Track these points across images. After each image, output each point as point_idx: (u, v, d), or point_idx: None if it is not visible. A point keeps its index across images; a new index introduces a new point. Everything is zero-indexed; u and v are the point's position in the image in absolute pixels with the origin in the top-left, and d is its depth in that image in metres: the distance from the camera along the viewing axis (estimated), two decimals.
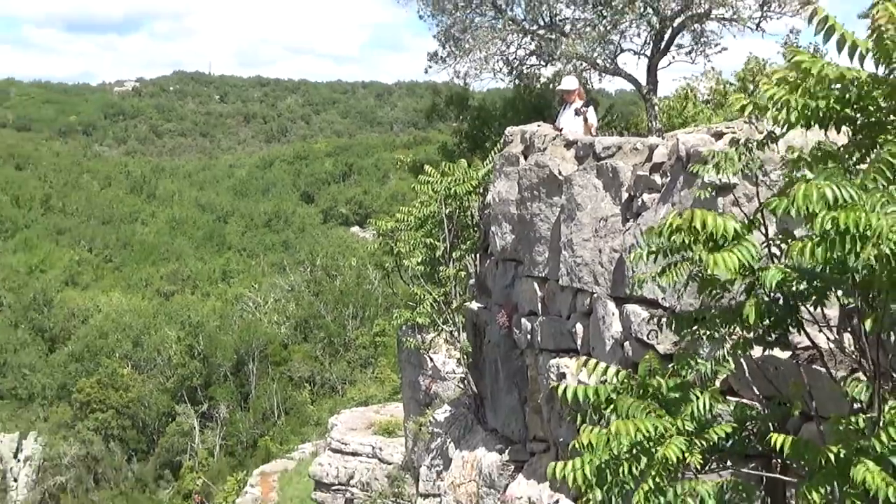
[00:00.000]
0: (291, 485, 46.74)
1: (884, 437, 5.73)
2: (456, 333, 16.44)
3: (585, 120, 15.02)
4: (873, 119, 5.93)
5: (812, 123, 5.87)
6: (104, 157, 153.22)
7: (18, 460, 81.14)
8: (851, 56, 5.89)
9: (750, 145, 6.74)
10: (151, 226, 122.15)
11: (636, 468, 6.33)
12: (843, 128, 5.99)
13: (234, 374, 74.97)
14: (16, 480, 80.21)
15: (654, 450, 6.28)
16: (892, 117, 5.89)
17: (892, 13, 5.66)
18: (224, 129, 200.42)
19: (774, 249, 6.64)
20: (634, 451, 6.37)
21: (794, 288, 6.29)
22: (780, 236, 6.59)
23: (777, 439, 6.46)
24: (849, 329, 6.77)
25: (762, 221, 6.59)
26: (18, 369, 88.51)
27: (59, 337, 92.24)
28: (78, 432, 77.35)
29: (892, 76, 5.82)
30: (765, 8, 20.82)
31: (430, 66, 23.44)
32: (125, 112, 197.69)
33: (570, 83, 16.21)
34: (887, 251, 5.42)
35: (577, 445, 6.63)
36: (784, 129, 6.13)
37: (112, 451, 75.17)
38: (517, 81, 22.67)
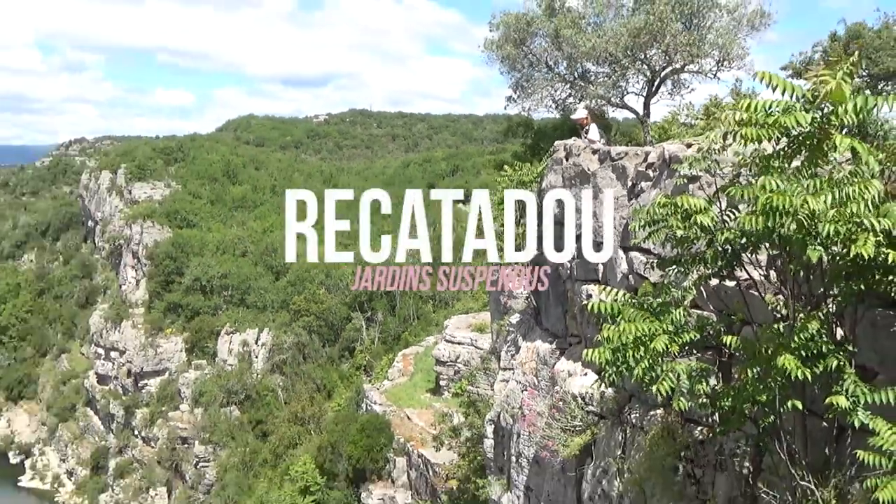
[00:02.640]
0: (421, 362, 48.01)
1: (796, 338, 5.90)
2: (523, 269, 16.76)
3: (587, 134, 15.39)
4: (796, 136, 6.04)
5: (755, 142, 6.02)
6: (307, 162, 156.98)
7: (258, 345, 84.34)
8: (790, 96, 5.98)
9: (710, 152, 6.82)
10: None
11: (636, 354, 6.51)
12: (771, 142, 6.09)
13: (387, 294, 76.31)
14: (257, 357, 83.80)
15: (647, 342, 6.48)
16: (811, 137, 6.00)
17: (826, 78, 5.79)
18: (379, 144, 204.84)
19: (726, 217, 6.73)
20: (635, 343, 6.52)
21: (738, 242, 6.42)
22: (729, 209, 6.73)
23: (727, 338, 6.73)
24: (773, 268, 6.91)
25: (718, 200, 6.72)
26: (258, 290, 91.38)
27: (282, 271, 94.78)
28: (293, 329, 79.86)
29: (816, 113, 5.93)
30: (719, 65, 21.08)
31: (507, 105, 23.78)
32: (319, 134, 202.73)
33: (578, 114, 16.49)
34: (801, 219, 5.62)
35: (598, 338, 6.86)
36: (736, 144, 6.28)
37: (313, 340, 77.75)
38: (561, 112, 22.96)
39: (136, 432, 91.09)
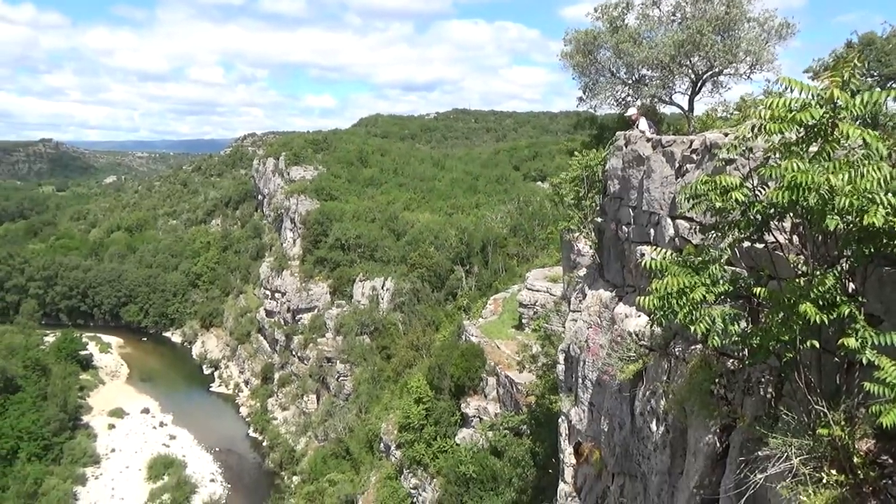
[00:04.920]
0: (508, 304, 47.96)
1: (815, 290, 5.73)
2: (589, 233, 16.50)
3: (637, 126, 15.12)
4: (812, 127, 5.81)
5: (778, 133, 5.80)
6: (419, 149, 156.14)
7: (383, 290, 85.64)
8: (807, 95, 5.78)
9: (744, 139, 6.55)
10: (442, 181, 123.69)
11: (679, 302, 6.40)
12: (792, 132, 5.86)
13: (481, 251, 76.05)
14: (382, 299, 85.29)
15: (688, 293, 6.35)
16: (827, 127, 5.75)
17: (837, 82, 5.57)
18: (476, 136, 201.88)
19: (757, 192, 6.49)
20: (678, 293, 6.39)
21: (766, 212, 6.20)
22: (760, 186, 6.48)
23: (756, 289, 6.50)
24: (796, 234, 6.64)
25: (751, 178, 6.48)
26: (383, 248, 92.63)
27: (401, 233, 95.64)
28: (410, 278, 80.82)
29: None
30: (752, 68, 20.04)
31: (578, 103, 23.22)
32: (429, 128, 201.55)
33: (631, 111, 16.55)
34: (822, 194, 5.43)
35: (649, 289, 6.76)
36: (764, 134, 6.06)
37: (424, 287, 78.22)
38: (621, 109, 22.32)
39: (293, 353, 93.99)
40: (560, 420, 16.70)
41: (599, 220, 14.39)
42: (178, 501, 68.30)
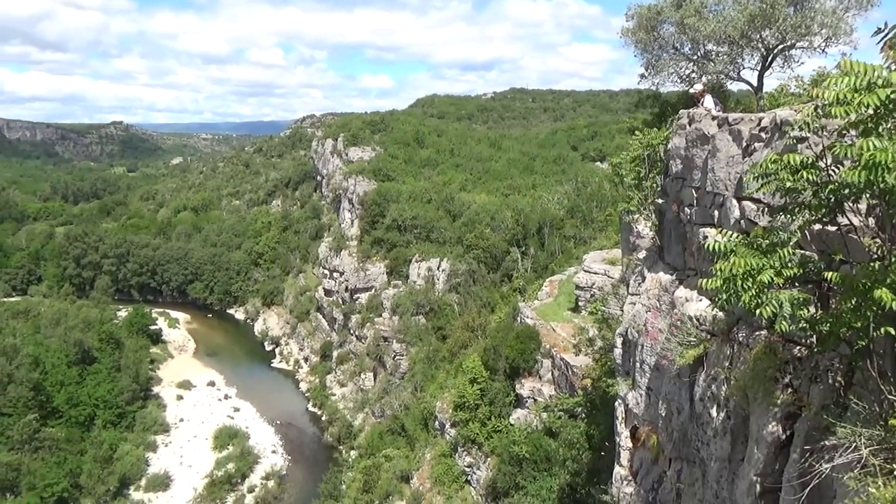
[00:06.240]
0: (564, 287, 47.55)
1: (892, 275, 5.46)
2: (649, 214, 16.09)
3: (703, 104, 14.72)
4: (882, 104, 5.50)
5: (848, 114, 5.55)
6: (476, 130, 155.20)
7: (439, 271, 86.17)
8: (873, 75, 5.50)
9: (817, 116, 6.30)
10: (498, 162, 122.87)
11: (745, 284, 6.19)
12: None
13: (537, 233, 75.25)
14: (438, 279, 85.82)
15: (755, 275, 6.15)
16: None
17: None
18: (533, 115, 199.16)
19: (831, 172, 6.20)
20: (744, 275, 6.19)
21: (840, 193, 5.92)
22: (833, 165, 6.18)
23: (827, 274, 6.22)
24: (872, 216, 6.33)
25: (824, 157, 6.19)
26: (439, 229, 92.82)
27: (457, 214, 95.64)
28: (465, 259, 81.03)
29: None
30: (827, 41, 18.81)
31: (640, 80, 22.45)
32: (486, 108, 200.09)
33: (696, 87, 16.26)
34: None
35: (712, 270, 6.57)
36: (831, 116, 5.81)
37: (480, 268, 78.30)
38: (686, 86, 21.43)
39: (351, 332, 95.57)
40: (616, 403, 16.53)
41: (660, 201, 14.04)
42: (242, 471, 71.00)
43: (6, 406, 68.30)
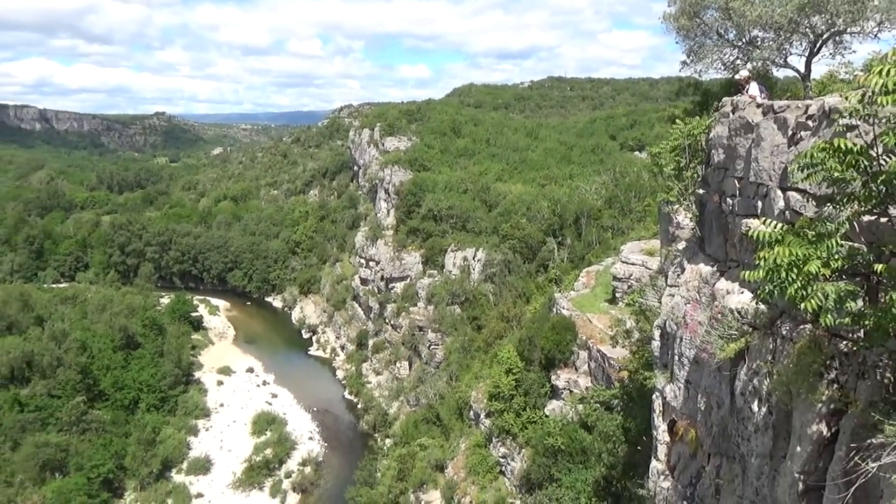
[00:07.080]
0: (601, 277, 47.22)
1: None
2: (689, 205, 15.76)
3: (748, 91, 14.23)
4: None
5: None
6: (512, 119, 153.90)
7: (475, 260, 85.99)
8: None
9: (868, 103, 6.04)
10: (535, 152, 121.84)
11: (790, 275, 6.01)
12: None
13: (574, 223, 74.48)
14: (474, 269, 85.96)
15: (801, 266, 5.96)
16: None
17: None
18: (571, 104, 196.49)
19: (882, 161, 5.96)
20: (789, 265, 6.01)
21: (892, 183, 5.69)
22: (886, 154, 5.94)
23: (877, 266, 6.00)
24: None
25: (875, 146, 5.94)
26: (475, 219, 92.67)
27: (493, 204, 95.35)
28: (501, 249, 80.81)
29: None
30: (880, 25, 17.91)
31: (681, 68, 21.85)
32: (524, 97, 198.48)
33: (741, 74, 15.70)
34: None
35: (756, 261, 6.40)
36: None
37: (516, 258, 77.92)
38: (730, 73, 20.79)
39: (387, 321, 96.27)
40: (654, 396, 16.32)
41: (701, 191, 13.76)
42: (280, 456, 72.37)
43: (56, 388, 70.83)
